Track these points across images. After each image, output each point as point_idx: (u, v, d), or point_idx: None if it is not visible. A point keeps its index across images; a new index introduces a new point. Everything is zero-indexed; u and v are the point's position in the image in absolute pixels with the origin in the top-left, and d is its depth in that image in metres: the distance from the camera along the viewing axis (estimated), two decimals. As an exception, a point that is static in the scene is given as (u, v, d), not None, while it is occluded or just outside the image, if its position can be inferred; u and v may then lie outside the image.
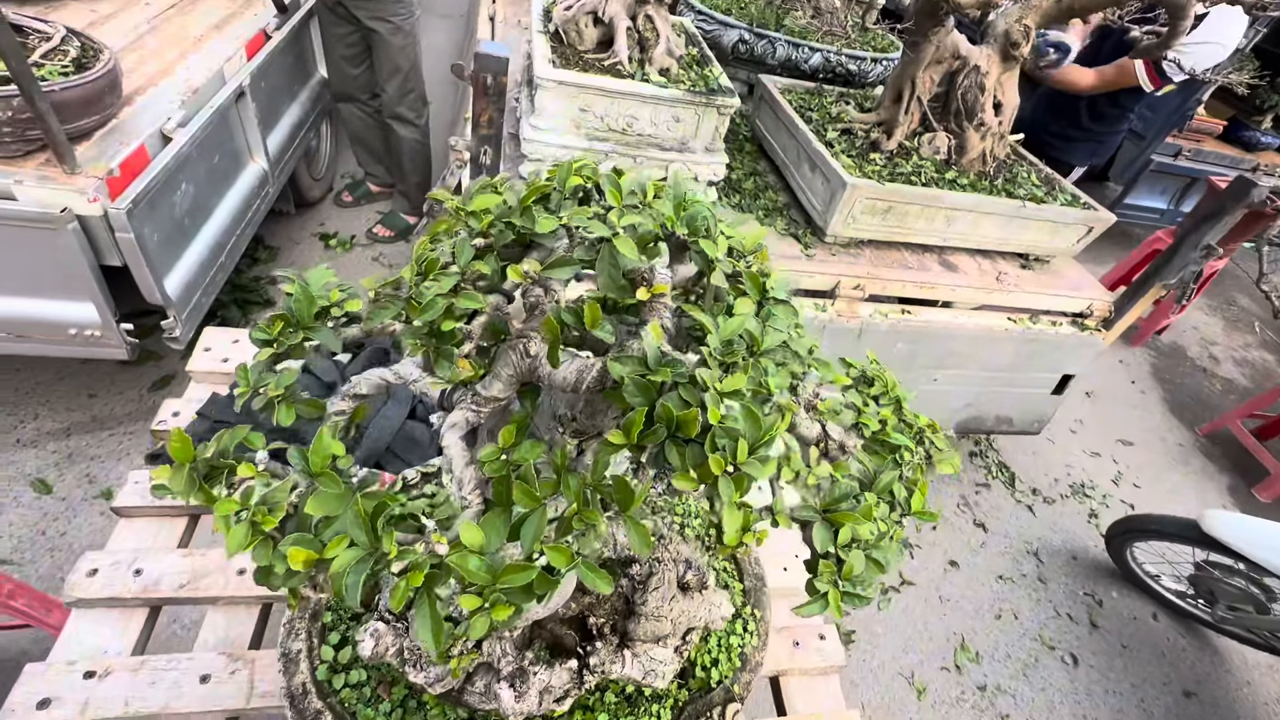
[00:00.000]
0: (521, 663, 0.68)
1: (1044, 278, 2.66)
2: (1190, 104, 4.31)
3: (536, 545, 0.45)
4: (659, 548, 0.76)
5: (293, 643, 0.82)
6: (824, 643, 1.22)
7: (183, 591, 1.00)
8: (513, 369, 0.58)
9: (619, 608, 0.80)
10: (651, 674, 0.76)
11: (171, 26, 2.51)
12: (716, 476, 0.46)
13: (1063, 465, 3.52)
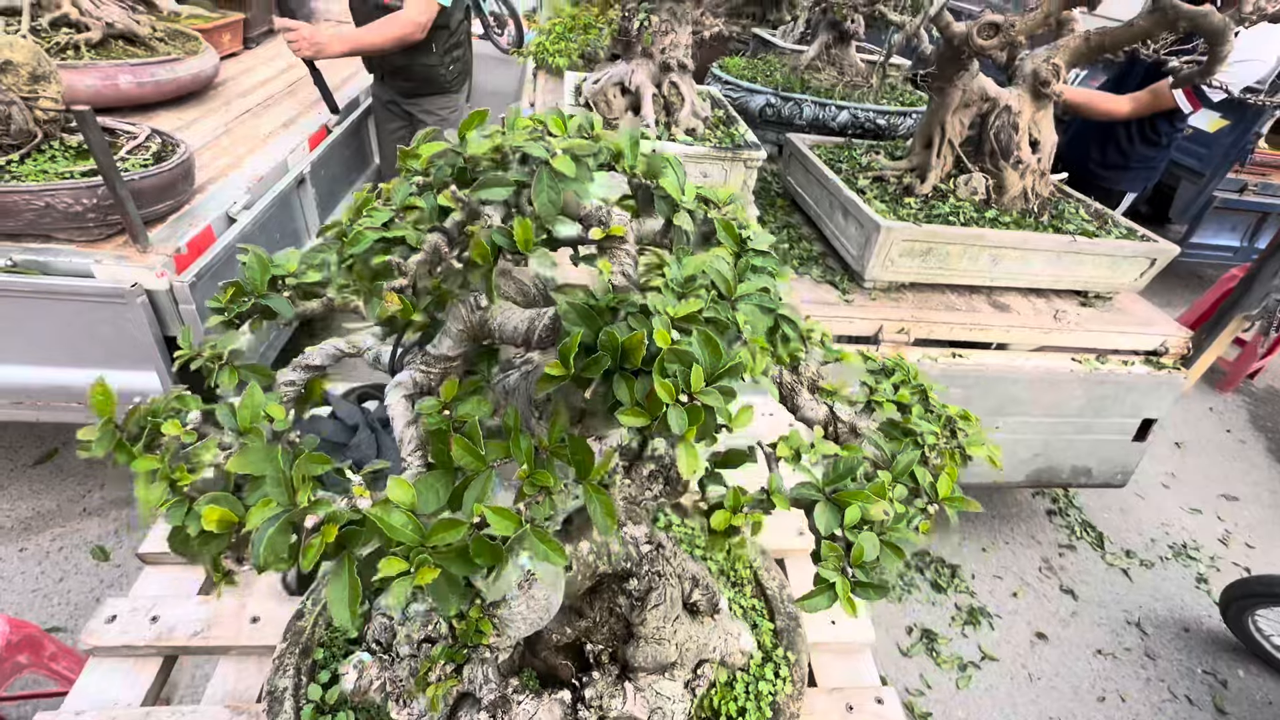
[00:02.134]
0: (505, 690, 0.61)
1: (1108, 315, 2.49)
2: (1248, 138, 4.14)
3: (478, 509, 0.40)
4: (659, 560, 0.68)
5: (279, 679, 0.78)
6: (882, 707, 1.07)
7: (196, 640, 0.97)
8: (462, 323, 0.55)
9: (618, 632, 0.72)
10: (658, 713, 0.67)
11: (245, 128, 2.79)
12: (666, 406, 0.40)
13: (1157, 524, 3.17)
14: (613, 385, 0.42)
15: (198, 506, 0.46)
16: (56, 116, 1.84)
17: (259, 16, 3.87)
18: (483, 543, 0.39)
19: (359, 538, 0.42)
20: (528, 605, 0.60)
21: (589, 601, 0.71)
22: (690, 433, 0.41)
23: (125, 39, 2.68)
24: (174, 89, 2.75)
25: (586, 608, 0.71)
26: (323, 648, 0.83)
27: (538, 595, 0.60)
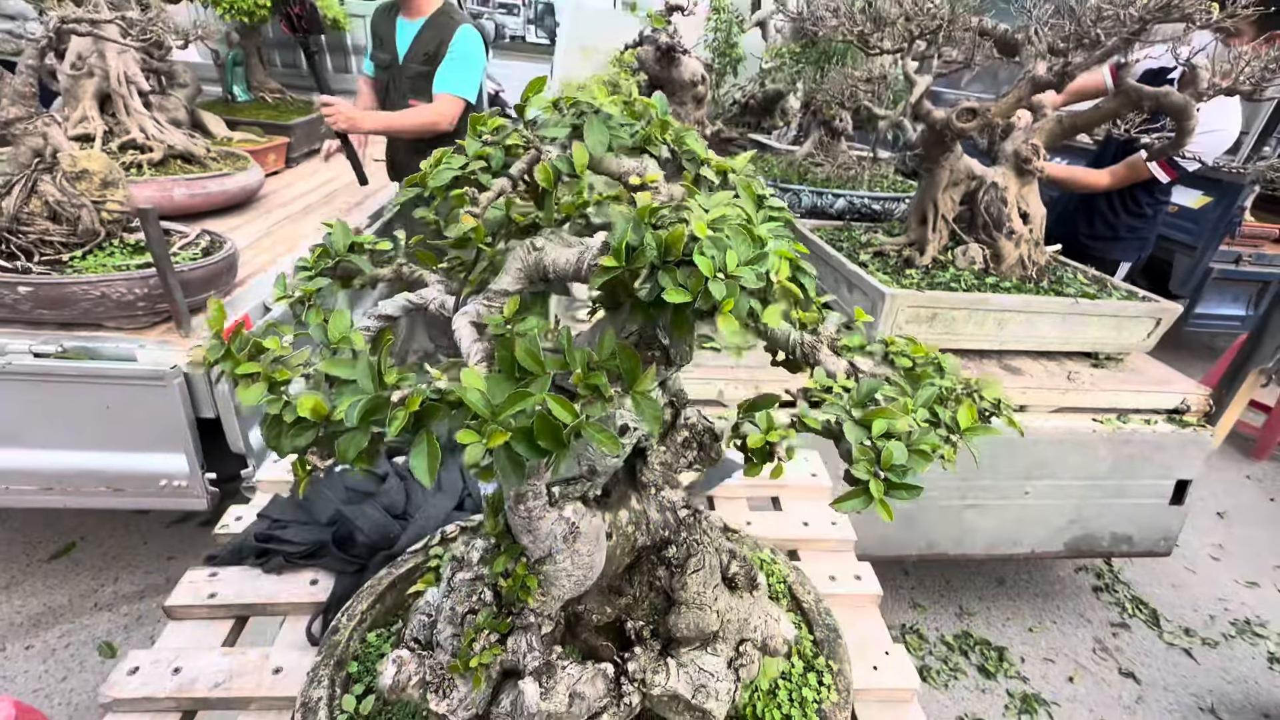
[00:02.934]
0: (549, 657, 0.59)
1: (1122, 375, 2.50)
2: (1233, 212, 4.31)
3: (540, 398, 0.42)
4: (696, 528, 0.67)
5: (314, 690, 0.74)
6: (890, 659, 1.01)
7: (217, 691, 0.93)
8: (520, 262, 0.59)
9: (659, 606, 0.69)
10: (703, 691, 0.63)
11: (284, 231, 3.01)
12: (706, 280, 0.43)
13: (1214, 599, 2.98)
14: (658, 276, 0.46)
15: (293, 397, 0.50)
16: (119, 218, 2.02)
17: (300, 141, 4.27)
18: (545, 421, 0.41)
19: (438, 412, 0.44)
20: (572, 561, 0.59)
21: (628, 578, 0.69)
22: (728, 304, 0.45)
23: (183, 158, 2.98)
24: (223, 199, 3.00)
25: (625, 585, 0.69)
26: (357, 661, 0.81)
27: (581, 550, 0.60)
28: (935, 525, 2.43)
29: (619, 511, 0.65)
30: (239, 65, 4.22)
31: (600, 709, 0.59)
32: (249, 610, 1.11)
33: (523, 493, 0.57)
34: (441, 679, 0.63)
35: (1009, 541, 2.52)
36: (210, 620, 1.09)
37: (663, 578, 0.69)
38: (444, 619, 0.65)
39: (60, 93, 2.79)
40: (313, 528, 1.21)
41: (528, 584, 0.59)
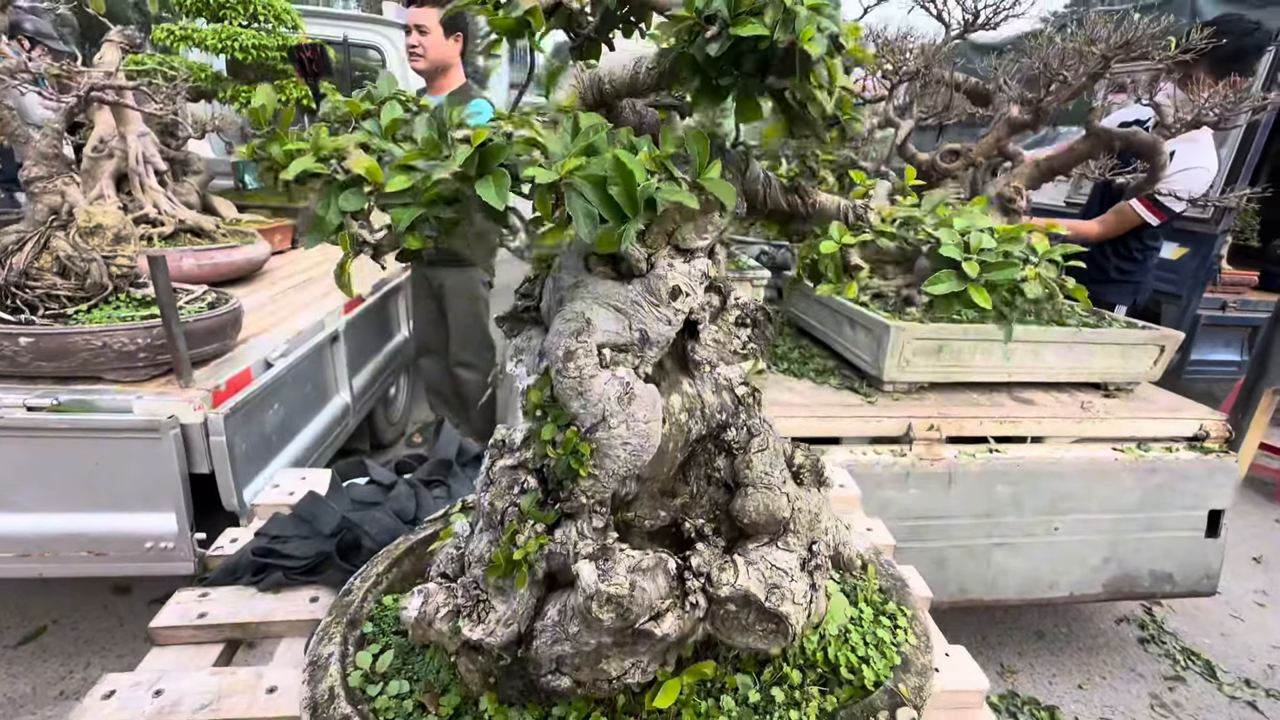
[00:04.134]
0: (604, 540, 0.51)
1: (1134, 404, 2.48)
2: (1211, 260, 4.45)
3: (612, 153, 0.39)
4: (754, 409, 0.61)
5: (323, 647, 0.65)
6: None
7: (204, 714, 0.82)
8: (573, 80, 0.56)
9: (719, 502, 0.61)
10: (776, 593, 0.55)
11: (289, 298, 3.04)
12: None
13: (1268, 647, 2.79)
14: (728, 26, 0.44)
15: (347, 163, 0.46)
16: (128, 272, 2.04)
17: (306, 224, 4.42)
18: (620, 165, 0.38)
19: (502, 152, 0.41)
20: (628, 427, 0.53)
21: (682, 477, 0.62)
22: (807, 32, 0.42)
23: (193, 232, 3.05)
24: (230, 270, 3.05)
25: (680, 485, 0.62)
26: (372, 622, 0.71)
27: (638, 415, 0.53)
28: (965, 568, 2.31)
29: (671, 397, 0.59)
30: (251, 156, 4.44)
31: (663, 609, 0.51)
32: (242, 632, 1.00)
33: (573, 350, 0.53)
34: (475, 601, 0.55)
35: (1044, 584, 2.38)
36: (198, 645, 0.98)
37: (722, 467, 0.62)
38: (480, 527, 0.57)
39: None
40: (315, 540, 1.12)
41: (579, 450, 0.53)
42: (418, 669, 0.65)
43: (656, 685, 0.57)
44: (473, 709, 0.60)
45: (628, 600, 0.48)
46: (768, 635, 0.59)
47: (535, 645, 0.56)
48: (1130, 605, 3.00)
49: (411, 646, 0.67)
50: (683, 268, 0.57)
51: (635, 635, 0.52)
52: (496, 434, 0.61)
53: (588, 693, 0.57)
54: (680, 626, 0.53)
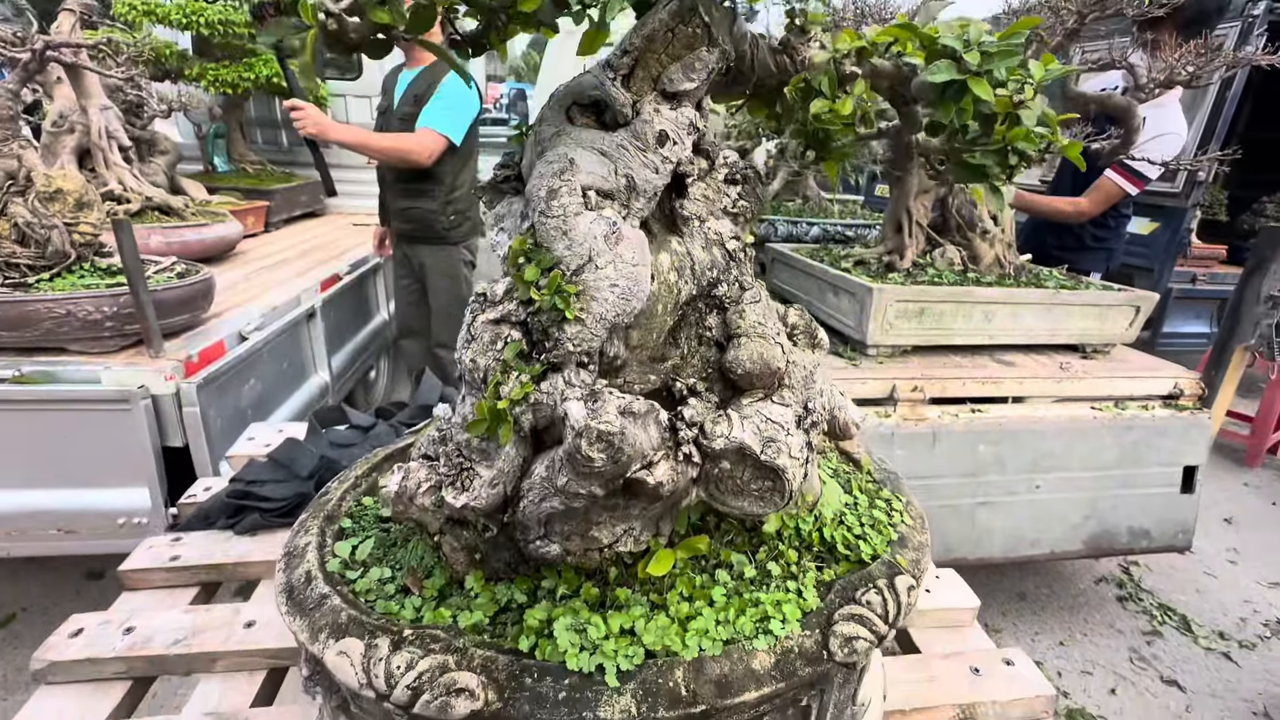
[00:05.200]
0: (594, 386, 0.49)
1: (1111, 364, 2.52)
2: (1182, 233, 4.54)
3: None
4: (745, 264, 0.59)
5: (300, 538, 0.62)
6: (1014, 669, 0.88)
7: (176, 649, 0.79)
8: None
9: (710, 361, 0.60)
10: (772, 446, 0.53)
11: (262, 277, 2.97)
12: None
13: (1240, 601, 2.87)
14: None
15: None
16: (92, 241, 1.97)
17: (280, 207, 4.31)
18: None
19: None
20: (615, 268, 0.51)
21: (672, 340, 0.60)
22: None
23: (160, 210, 2.96)
24: (200, 250, 2.96)
25: (670, 349, 0.60)
26: (351, 519, 0.68)
27: (625, 256, 0.51)
28: (949, 527, 2.33)
29: (659, 255, 0.57)
30: (220, 137, 4.32)
31: (653, 460, 0.49)
32: (217, 574, 0.96)
33: (556, 189, 0.50)
34: (459, 470, 0.53)
35: (1026, 542, 2.41)
36: (171, 588, 0.94)
37: (714, 325, 0.60)
38: (461, 395, 0.55)
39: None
40: (293, 483, 1.09)
41: (565, 291, 0.51)
42: (400, 558, 0.63)
43: (649, 555, 0.56)
44: (458, 590, 0.58)
45: (619, 439, 0.46)
46: (764, 495, 0.58)
47: (522, 506, 0.54)
48: (1109, 565, 3.06)
49: (393, 540, 0.65)
50: (669, 114, 0.55)
51: (627, 490, 0.50)
52: (477, 288, 0.59)
53: (578, 563, 0.55)
54: (673, 478, 0.51)
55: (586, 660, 0.49)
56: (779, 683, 0.49)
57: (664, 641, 0.50)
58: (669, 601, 0.55)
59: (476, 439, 0.55)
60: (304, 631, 0.52)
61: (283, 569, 0.60)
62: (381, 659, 0.48)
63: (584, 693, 0.48)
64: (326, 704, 0.57)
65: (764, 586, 0.58)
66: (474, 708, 0.46)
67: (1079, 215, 3.05)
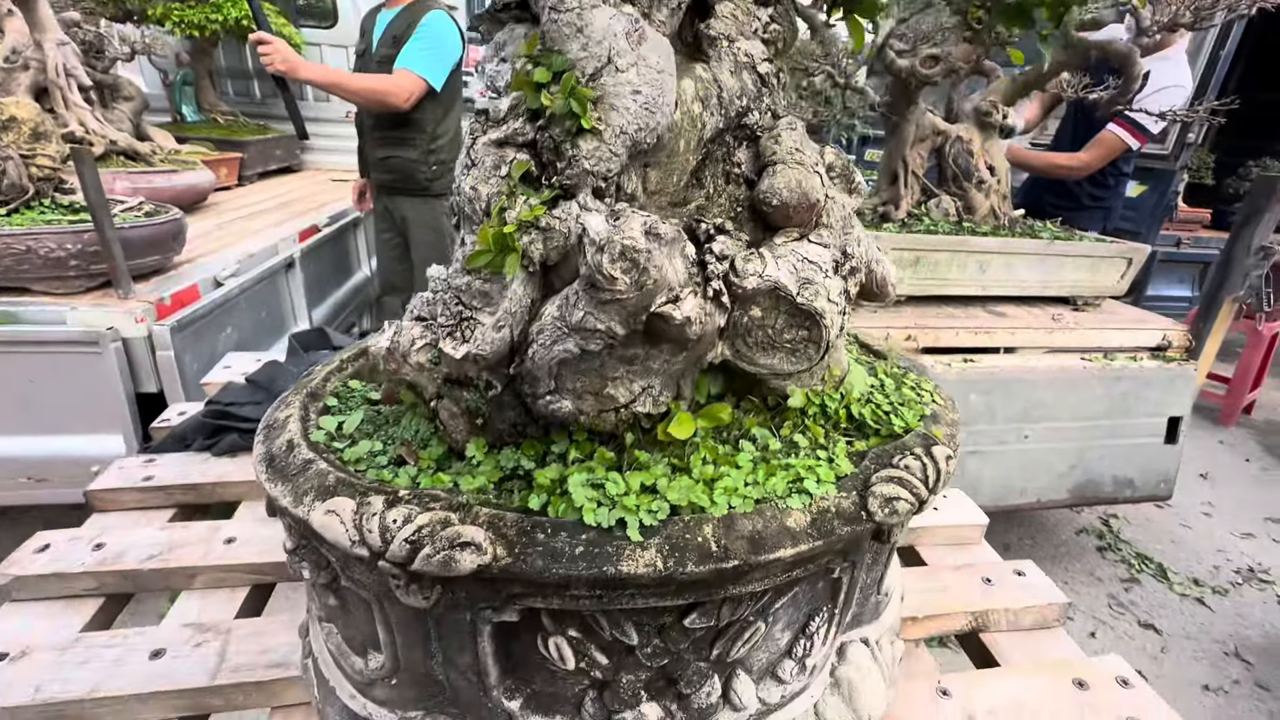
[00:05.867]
0: (613, 207, 0.45)
1: (1101, 316, 2.52)
2: (1169, 196, 4.54)
3: None
4: (778, 92, 0.54)
5: (279, 412, 0.57)
6: (1025, 578, 0.88)
7: (151, 564, 0.74)
8: None
9: (739, 199, 0.56)
10: (809, 287, 0.50)
11: (237, 226, 2.86)
12: None
13: (1214, 550, 2.94)
14: None
15: None
16: (51, 175, 1.86)
17: (254, 160, 4.14)
18: None
19: None
20: (637, 72, 0.46)
21: (696, 181, 0.55)
22: None
23: (126, 155, 2.82)
24: (170, 197, 2.83)
25: (693, 190, 0.55)
26: (337, 398, 0.64)
27: (649, 59, 0.46)
28: (939, 476, 2.34)
29: (682, 81, 0.52)
30: (188, 85, 4.12)
31: (679, 295, 0.44)
32: (194, 494, 0.91)
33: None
34: (458, 320, 0.48)
35: (1015, 491, 2.44)
36: (145, 510, 0.89)
37: (743, 161, 0.55)
38: (460, 236, 0.49)
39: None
40: None
41: (579, 96, 0.45)
42: (392, 434, 0.59)
43: (669, 418, 0.52)
44: (458, 461, 0.54)
45: (644, 258, 0.41)
46: (796, 349, 0.53)
47: (531, 352, 0.49)
48: (1089, 517, 3.12)
49: (385, 419, 0.60)
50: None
51: (649, 333, 0.45)
52: (478, 104, 0.53)
53: (591, 424, 0.51)
54: (701, 317, 0.46)
55: (605, 515, 0.45)
56: (815, 541, 0.46)
57: (690, 498, 0.47)
58: (692, 464, 0.51)
59: (478, 282, 0.49)
60: (286, 495, 0.48)
61: (261, 440, 0.55)
62: (375, 514, 0.44)
63: (604, 547, 0.44)
64: (315, 580, 0.53)
65: (792, 456, 0.55)
66: (481, 562, 0.42)
67: (1079, 170, 3.02)
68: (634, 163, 0.50)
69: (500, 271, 0.48)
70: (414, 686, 0.55)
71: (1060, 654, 0.88)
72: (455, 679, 0.53)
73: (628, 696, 0.51)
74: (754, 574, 0.47)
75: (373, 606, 0.52)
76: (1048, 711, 0.76)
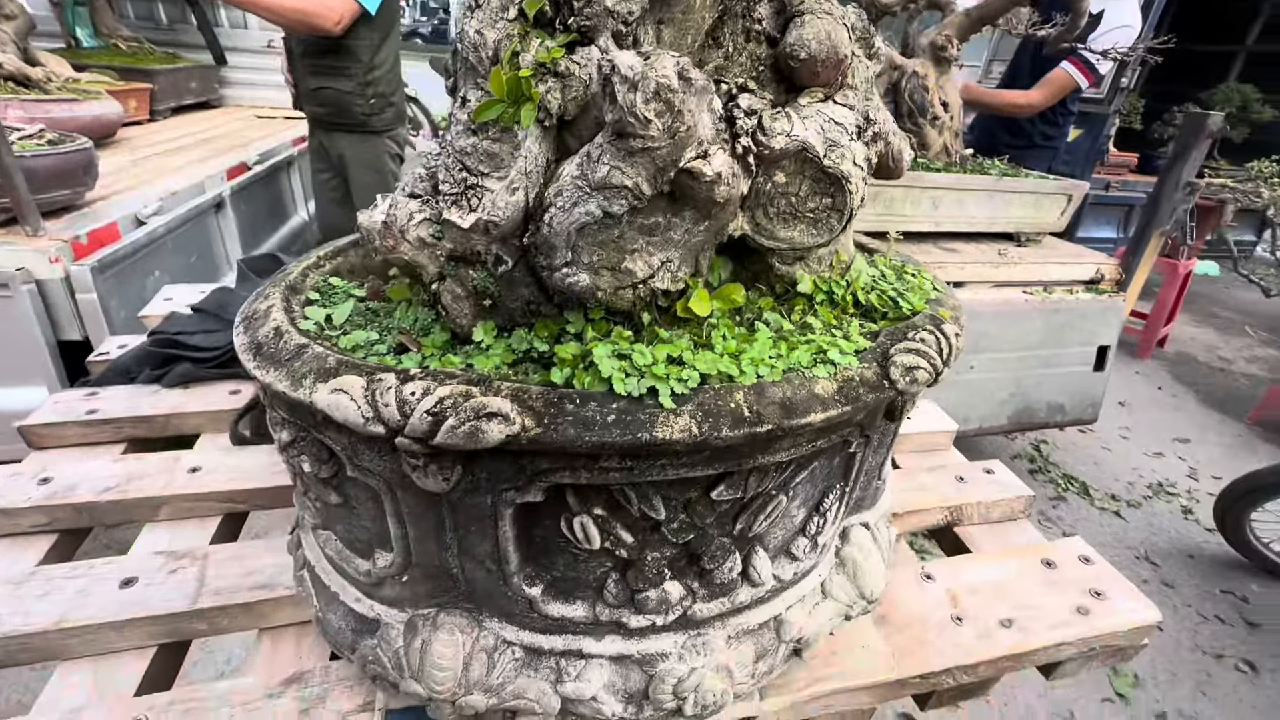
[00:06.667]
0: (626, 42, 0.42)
1: (1042, 251, 2.63)
2: (1101, 141, 4.74)
3: None
4: None
5: (258, 304, 0.53)
6: (994, 476, 0.94)
7: (108, 495, 0.69)
8: None
9: (761, 58, 0.54)
10: (835, 150, 0.49)
11: (154, 163, 2.62)
12: None
13: (1129, 469, 3.22)
14: None
15: None
16: (-68, 93, 1.63)
17: (166, 93, 3.77)
18: None
19: None
20: None
21: (713, 40, 0.53)
22: None
23: (15, 81, 2.51)
24: (73, 128, 2.54)
25: (710, 50, 0.53)
26: (319, 293, 0.59)
27: None
28: (893, 406, 2.44)
29: None
30: (81, 5, 3.67)
31: (708, 150, 0.42)
32: (147, 428, 0.84)
33: None
34: (463, 188, 0.44)
35: (958, 419, 2.54)
36: (91, 445, 0.82)
37: (764, 17, 0.53)
38: (461, 94, 0.45)
39: None
40: (228, 330, 0.95)
41: None
42: (386, 324, 0.55)
43: (686, 295, 0.51)
44: (462, 349, 0.50)
45: (678, 100, 0.38)
46: (819, 218, 0.52)
47: (548, 217, 0.45)
48: (1022, 443, 3.34)
49: (376, 311, 0.56)
50: None
51: (673, 194, 0.43)
52: None
53: (609, 301, 0.49)
54: (729, 177, 0.44)
55: (635, 384, 0.43)
56: (844, 406, 0.46)
57: (719, 367, 0.46)
58: (713, 340, 0.50)
59: (485, 142, 0.45)
60: (282, 380, 0.43)
61: (242, 331, 0.49)
62: (390, 388, 0.40)
63: (636, 415, 0.42)
64: (315, 474, 0.50)
65: (807, 334, 0.55)
66: (509, 432, 0.40)
67: (1030, 108, 3.10)
68: (649, 16, 0.47)
69: (512, 125, 0.44)
70: (426, 581, 0.53)
71: (1025, 539, 0.94)
72: (471, 569, 0.51)
73: (652, 575, 0.51)
74: (784, 441, 0.47)
75: (383, 497, 0.49)
76: (1021, 587, 0.82)
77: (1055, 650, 0.76)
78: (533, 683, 0.53)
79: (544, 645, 0.54)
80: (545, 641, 0.54)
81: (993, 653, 0.72)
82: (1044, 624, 0.77)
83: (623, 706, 0.54)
